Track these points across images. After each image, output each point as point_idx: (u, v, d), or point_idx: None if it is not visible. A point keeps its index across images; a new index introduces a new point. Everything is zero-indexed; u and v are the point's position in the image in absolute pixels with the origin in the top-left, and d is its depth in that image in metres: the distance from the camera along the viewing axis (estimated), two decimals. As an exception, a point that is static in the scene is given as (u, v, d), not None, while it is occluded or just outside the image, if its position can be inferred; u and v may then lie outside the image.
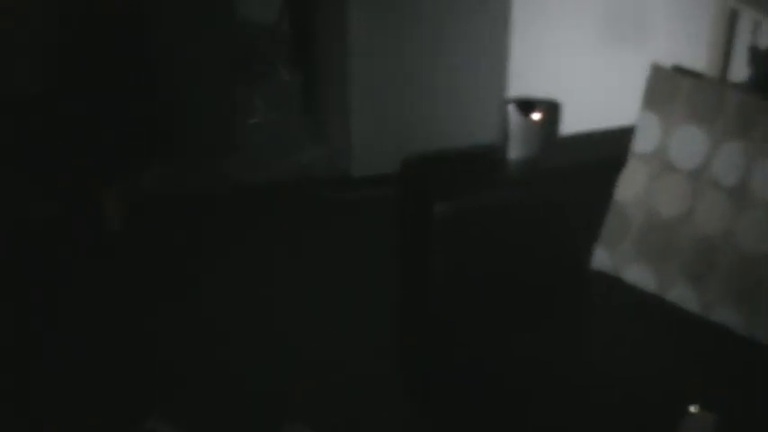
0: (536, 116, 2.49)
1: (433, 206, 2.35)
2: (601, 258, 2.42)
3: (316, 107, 4.28)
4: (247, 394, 2.78)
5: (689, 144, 2.29)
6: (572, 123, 2.64)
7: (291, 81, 4.26)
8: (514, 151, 2.51)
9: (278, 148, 4.06)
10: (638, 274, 2.36)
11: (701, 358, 2.17)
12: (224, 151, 3.95)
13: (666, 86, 2.34)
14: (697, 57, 2.83)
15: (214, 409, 2.72)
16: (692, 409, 1.94)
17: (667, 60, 2.43)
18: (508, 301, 2.35)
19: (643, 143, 2.36)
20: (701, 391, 2.03)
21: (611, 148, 2.46)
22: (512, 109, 2.49)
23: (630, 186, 2.37)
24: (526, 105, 2.50)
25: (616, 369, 2.15)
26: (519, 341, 2.24)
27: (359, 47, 3.73)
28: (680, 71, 2.39)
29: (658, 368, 2.14)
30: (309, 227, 3.66)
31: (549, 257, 2.45)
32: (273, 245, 3.54)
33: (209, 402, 2.75)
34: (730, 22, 2.81)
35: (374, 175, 3.74)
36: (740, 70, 2.78)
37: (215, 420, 2.66)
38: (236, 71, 4.02)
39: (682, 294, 2.30)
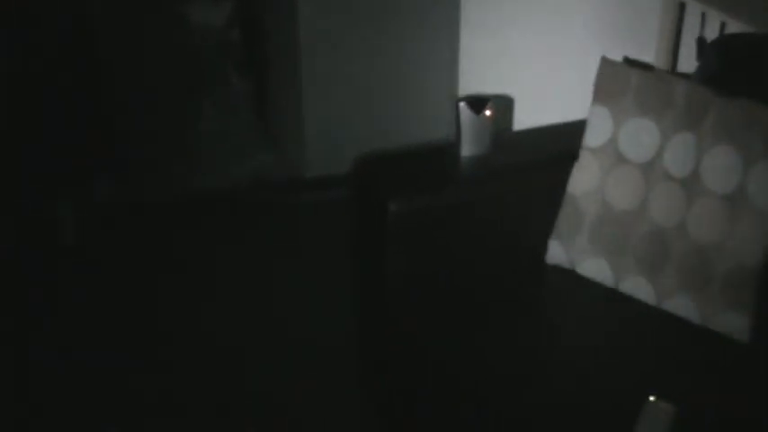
0: (488, 112, 2.49)
1: (386, 205, 2.35)
2: (556, 252, 2.43)
3: (267, 110, 4.27)
4: (201, 399, 2.76)
5: (640, 136, 2.31)
6: (525, 118, 2.65)
7: (242, 85, 4.25)
8: (467, 148, 2.51)
9: (230, 153, 4.04)
10: (593, 267, 2.37)
11: (657, 349, 2.19)
12: (176, 158, 3.93)
13: (616, 79, 2.35)
14: (646, 49, 2.85)
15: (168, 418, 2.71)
16: (651, 398, 1.96)
17: (617, 53, 2.44)
18: (465, 298, 2.36)
19: (594, 137, 2.37)
20: (659, 380, 2.04)
21: (563, 142, 2.47)
22: (463, 106, 2.49)
23: (583, 180, 2.38)
24: (478, 102, 2.50)
25: (575, 361, 2.15)
26: (476, 337, 2.24)
27: (309, 48, 3.73)
28: (629, 64, 2.41)
29: (616, 359, 2.15)
30: (264, 230, 3.65)
31: (504, 253, 2.46)
32: (228, 250, 3.53)
33: (165, 410, 2.73)
34: (678, 14, 2.83)
35: (328, 175, 3.73)
36: (688, 62, 2.80)
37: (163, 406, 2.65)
38: (185, 77, 4.00)
39: (637, 286, 2.31)
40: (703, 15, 2.77)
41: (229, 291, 3.31)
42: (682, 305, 2.24)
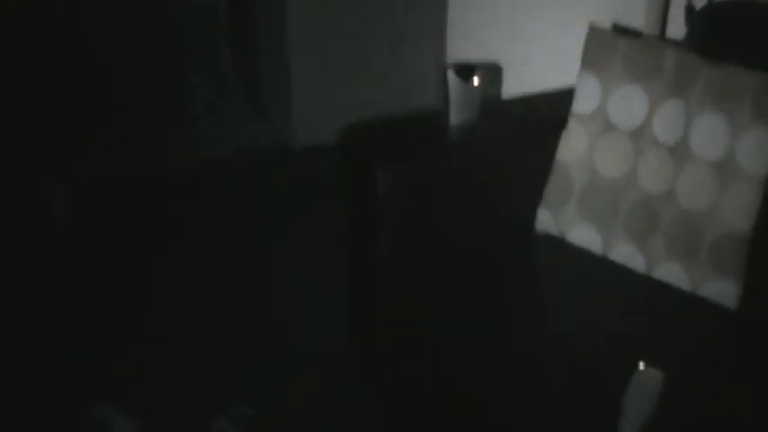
0: (476, 80, 2.48)
1: (375, 174, 2.34)
2: (545, 220, 2.43)
3: (256, 81, 4.25)
4: (193, 377, 2.76)
5: (628, 104, 2.30)
6: (513, 86, 2.64)
7: (231, 56, 4.23)
8: (456, 116, 2.50)
9: (219, 124, 4.03)
10: (582, 235, 2.37)
11: (647, 316, 2.19)
12: (164, 130, 3.91)
13: (604, 47, 2.34)
14: (634, 16, 2.83)
15: (162, 395, 2.70)
16: (641, 365, 1.96)
17: (606, 20, 2.43)
18: (454, 266, 2.35)
19: (583, 104, 2.37)
20: (649, 348, 2.05)
21: (552, 110, 2.47)
22: (451, 74, 2.48)
23: (572, 148, 2.37)
24: (466, 70, 2.49)
25: (564, 330, 2.16)
26: (465, 307, 2.24)
27: (297, 19, 3.71)
28: (618, 31, 2.40)
29: (606, 327, 2.15)
30: (253, 201, 3.64)
31: (493, 221, 2.46)
32: (218, 221, 3.52)
33: (157, 388, 2.73)
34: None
35: (317, 145, 3.72)
36: (677, 28, 2.79)
37: (162, 406, 2.63)
38: (173, 49, 3.98)
39: (626, 253, 2.31)
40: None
41: (220, 264, 3.30)
42: (671, 272, 2.24)
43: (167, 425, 1.86)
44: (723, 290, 2.19)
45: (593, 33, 2.38)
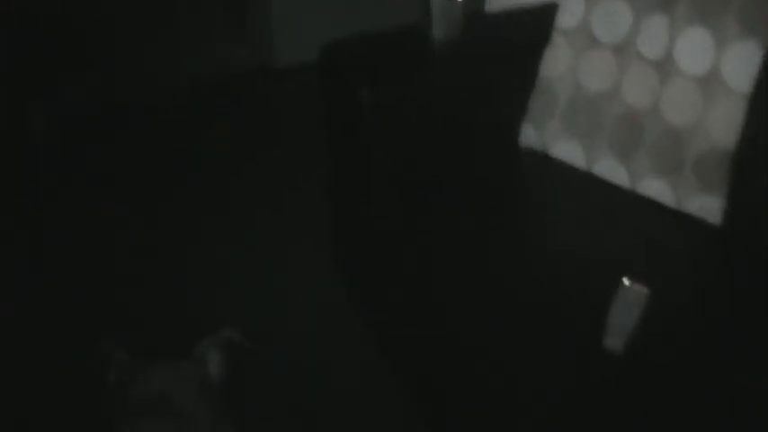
0: (459, -5, 2.46)
1: (356, 93, 2.33)
2: (529, 135, 2.42)
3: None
4: (182, 305, 2.75)
5: (612, 18, 2.29)
6: (496, 0, 2.61)
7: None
8: (438, 32, 2.48)
9: (199, 43, 3.97)
10: (566, 150, 2.37)
11: (631, 231, 2.20)
12: (145, 52, 3.85)
13: (588, -40, 2.32)
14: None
15: (156, 324, 2.70)
16: (626, 281, 1.97)
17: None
18: (439, 182, 2.35)
19: (567, 18, 2.35)
20: (633, 263, 2.06)
21: (535, 24, 2.45)
22: (434, -12, 2.45)
23: (556, 63, 2.36)
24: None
25: (549, 244, 2.17)
26: (452, 221, 2.24)
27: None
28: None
29: (590, 242, 2.16)
30: (236, 121, 3.60)
31: (477, 137, 2.45)
32: (200, 143, 3.49)
33: (150, 315, 2.73)
34: None
35: (299, 63, 3.68)
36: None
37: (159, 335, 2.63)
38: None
39: (610, 168, 2.32)
40: None
41: (204, 185, 3.27)
42: (655, 188, 2.25)
43: (158, 351, 1.86)
44: (707, 205, 2.20)
45: (578, -54, 2.35)
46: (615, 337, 1.91)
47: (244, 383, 2.12)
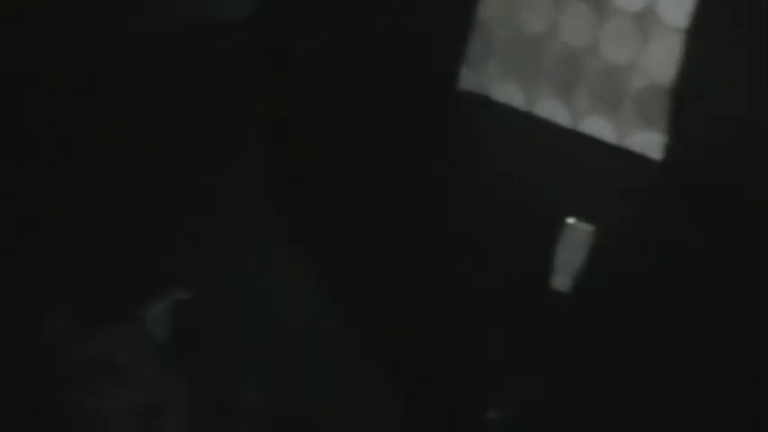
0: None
1: (288, 47, 2.30)
2: (468, 78, 2.41)
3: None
4: (125, 264, 2.71)
5: (548, -43, 2.28)
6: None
7: None
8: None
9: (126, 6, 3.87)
10: (506, 92, 2.37)
11: (574, 170, 2.21)
12: (69, 12, 3.74)
13: None
14: None
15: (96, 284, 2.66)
16: (570, 220, 1.98)
17: None
18: (374, 130, 2.33)
19: (502, -41, 2.34)
20: (577, 202, 2.07)
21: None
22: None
23: (493, 5, 2.35)
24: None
25: (493, 187, 2.17)
26: (389, 167, 2.23)
27: None
28: None
29: (534, 182, 2.16)
30: (181, 79, 3.52)
31: (413, 82, 2.43)
32: (141, 102, 3.40)
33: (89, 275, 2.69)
34: None
35: (230, 18, 3.61)
36: None
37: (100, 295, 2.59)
38: None
39: (550, 108, 2.32)
40: None
41: (147, 141, 3.20)
42: (596, 125, 2.26)
43: (97, 312, 1.81)
44: (648, 141, 2.21)
45: None
46: (562, 277, 1.92)
47: (194, 344, 2.10)
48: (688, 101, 2.18)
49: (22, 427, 2.23)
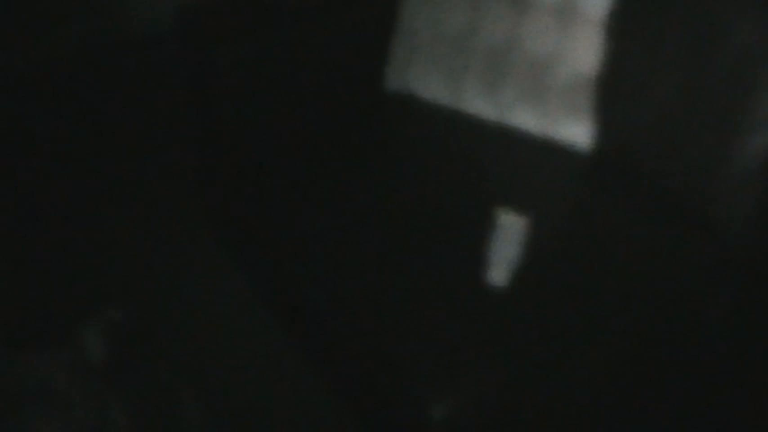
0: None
1: (210, 56, 2.29)
2: (394, 78, 2.41)
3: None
4: (57, 286, 2.68)
5: (466, -47, 2.29)
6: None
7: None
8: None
9: (51, 21, 3.81)
10: (432, 89, 2.37)
11: (504, 164, 2.22)
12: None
13: None
14: None
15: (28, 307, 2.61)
16: (503, 213, 1.99)
17: None
18: (304, 139, 2.32)
19: (421, -43, 2.34)
20: (509, 195, 2.08)
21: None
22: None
23: (414, 4, 2.35)
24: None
25: (423, 184, 2.17)
26: (321, 175, 2.22)
27: None
28: None
29: (464, 180, 2.17)
30: (100, 94, 3.48)
31: (340, 86, 2.43)
32: (61, 117, 3.35)
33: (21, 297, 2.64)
34: None
35: (154, 33, 3.58)
36: None
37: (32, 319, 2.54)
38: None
39: (477, 104, 2.32)
40: None
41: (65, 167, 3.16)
42: (523, 119, 2.27)
43: (29, 337, 1.78)
44: (576, 132, 2.23)
45: None
46: (497, 271, 1.93)
47: (130, 365, 2.07)
48: (611, 91, 2.20)
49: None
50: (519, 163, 2.22)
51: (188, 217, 2.85)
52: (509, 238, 1.96)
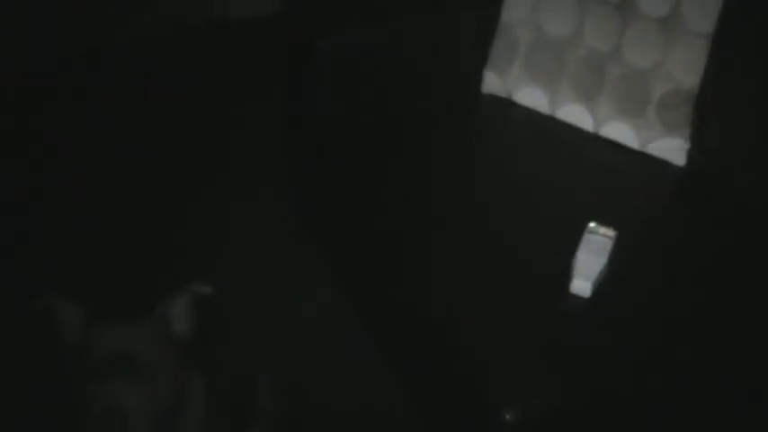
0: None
1: (315, 43, 2.30)
2: (491, 81, 2.41)
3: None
4: (142, 260, 2.73)
5: (573, -40, 2.27)
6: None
7: None
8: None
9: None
10: (529, 95, 2.36)
11: (597, 175, 2.21)
12: (92, 9, 3.73)
13: None
14: None
15: (110, 276, 2.67)
16: (592, 224, 1.98)
17: None
18: (401, 133, 2.33)
19: (527, -38, 2.34)
20: (600, 206, 2.07)
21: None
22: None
23: (517, 7, 2.34)
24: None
25: (515, 190, 2.17)
26: (415, 169, 2.23)
27: None
28: None
29: (556, 185, 2.17)
30: (193, 77, 3.53)
31: (438, 85, 2.43)
32: (154, 105, 3.40)
33: (104, 269, 2.70)
34: None
35: (255, 16, 3.61)
36: None
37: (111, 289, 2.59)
38: None
39: (573, 112, 2.31)
40: None
41: (163, 147, 3.21)
42: (619, 131, 2.25)
43: (117, 309, 1.81)
44: (671, 146, 2.20)
45: None
46: (582, 281, 1.92)
47: (212, 338, 2.10)
48: (712, 107, 2.18)
49: (44, 423, 2.25)
50: (612, 174, 2.21)
51: (273, 194, 2.88)
52: (597, 248, 1.95)
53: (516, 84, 2.37)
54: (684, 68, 2.17)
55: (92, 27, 3.55)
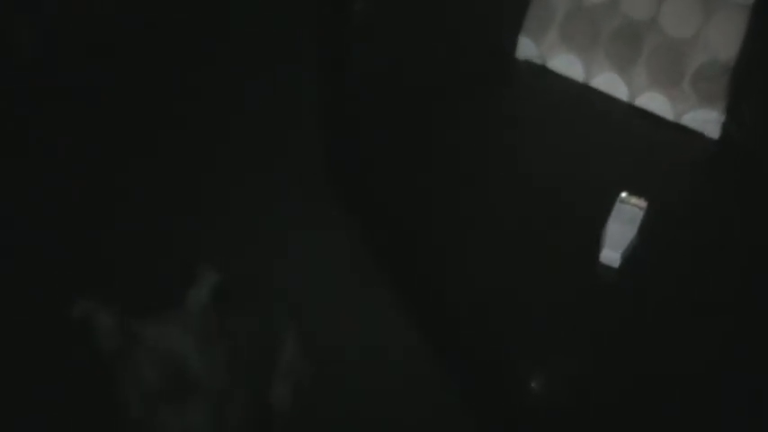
0: None
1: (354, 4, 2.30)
2: (526, 47, 2.39)
3: None
4: (157, 251, 2.73)
5: (612, -73, 2.25)
6: None
7: None
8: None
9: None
10: (565, 62, 2.35)
11: (630, 144, 2.19)
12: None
13: None
14: None
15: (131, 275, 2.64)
16: (624, 194, 1.97)
17: None
18: (433, 97, 2.32)
19: (566, -73, 2.32)
20: (632, 176, 2.06)
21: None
22: None
23: (554, -27, 2.33)
24: None
25: (547, 157, 2.16)
26: (447, 135, 2.23)
27: None
28: None
29: (589, 154, 2.15)
30: (251, 24, 3.48)
31: (473, 49, 2.42)
32: (183, 47, 3.38)
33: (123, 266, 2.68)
34: None
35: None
36: None
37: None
38: None
39: (608, 81, 2.30)
40: None
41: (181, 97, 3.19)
42: (654, 101, 2.24)
43: (143, 308, 1.79)
44: (706, 118, 2.19)
45: None
46: (611, 251, 1.92)
47: (234, 304, 2.09)
48: (749, 79, 2.16)
49: (44, 423, 2.26)
50: (645, 145, 2.19)
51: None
52: (627, 219, 1.95)
53: (551, 51, 2.35)
54: (722, 40, 2.15)
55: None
